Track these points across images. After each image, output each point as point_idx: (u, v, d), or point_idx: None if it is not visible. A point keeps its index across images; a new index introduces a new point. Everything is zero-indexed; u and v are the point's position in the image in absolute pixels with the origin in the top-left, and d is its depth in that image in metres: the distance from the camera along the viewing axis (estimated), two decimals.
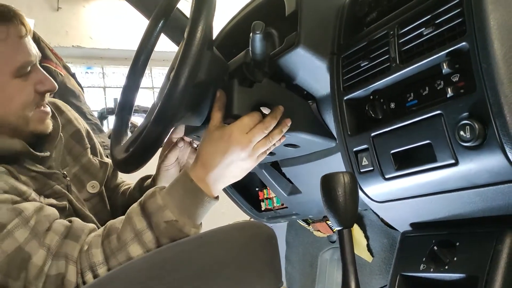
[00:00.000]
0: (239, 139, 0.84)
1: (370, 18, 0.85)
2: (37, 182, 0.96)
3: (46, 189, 0.97)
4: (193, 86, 0.79)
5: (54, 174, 0.99)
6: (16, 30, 0.90)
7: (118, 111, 1.10)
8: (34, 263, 0.81)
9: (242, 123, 0.85)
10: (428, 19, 0.69)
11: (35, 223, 0.84)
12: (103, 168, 1.15)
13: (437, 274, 0.74)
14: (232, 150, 0.84)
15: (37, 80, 0.94)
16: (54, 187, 0.98)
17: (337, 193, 0.67)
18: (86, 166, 1.11)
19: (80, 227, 0.88)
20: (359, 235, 1.40)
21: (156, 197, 0.84)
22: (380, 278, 1.35)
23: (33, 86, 0.94)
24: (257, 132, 0.85)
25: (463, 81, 0.64)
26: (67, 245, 0.84)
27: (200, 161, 0.86)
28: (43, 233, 0.84)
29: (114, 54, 3.36)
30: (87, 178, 1.10)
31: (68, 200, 0.99)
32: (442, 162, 0.67)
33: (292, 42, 0.87)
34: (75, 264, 0.82)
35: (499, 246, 0.67)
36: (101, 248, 0.83)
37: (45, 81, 0.96)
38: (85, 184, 1.09)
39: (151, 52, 1.07)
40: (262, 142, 0.87)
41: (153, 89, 3.65)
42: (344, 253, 0.68)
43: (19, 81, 0.91)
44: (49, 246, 0.83)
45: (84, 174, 1.10)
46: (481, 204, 0.69)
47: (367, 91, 0.81)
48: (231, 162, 0.85)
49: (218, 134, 0.86)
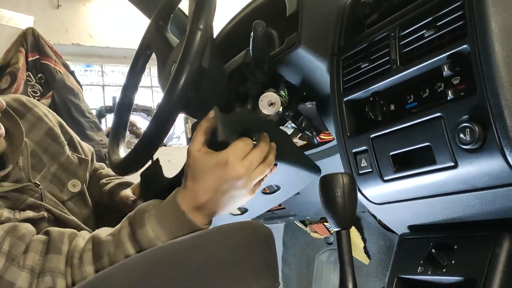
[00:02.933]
0: (237, 166, 0.77)
1: (371, 19, 0.85)
2: (8, 201, 0.92)
3: (19, 204, 0.93)
4: (195, 82, 0.79)
5: (24, 187, 0.94)
6: None
7: (117, 109, 1.10)
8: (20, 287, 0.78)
9: (237, 149, 0.78)
10: (429, 21, 0.69)
11: (10, 247, 0.80)
12: (83, 164, 1.09)
13: (434, 277, 0.74)
14: (228, 178, 0.78)
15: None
16: (27, 201, 0.94)
17: (336, 194, 0.67)
18: (65, 164, 1.05)
19: (59, 239, 0.84)
20: (356, 237, 1.40)
21: (146, 228, 0.80)
22: (377, 280, 1.35)
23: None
24: (255, 158, 0.79)
25: (464, 83, 0.64)
26: (50, 260, 0.81)
27: (192, 190, 0.80)
28: (21, 256, 0.80)
29: (114, 52, 3.35)
30: (67, 177, 1.05)
31: (46, 209, 0.95)
32: (441, 164, 0.67)
33: (293, 42, 0.87)
34: (63, 277, 0.80)
35: (497, 249, 0.67)
36: (93, 267, 0.81)
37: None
38: (66, 183, 1.04)
39: (152, 52, 1.06)
40: (259, 170, 0.80)
41: (152, 88, 3.64)
42: (342, 254, 0.68)
43: None
44: (31, 267, 0.80)
45: (63, 172, 1.05)
46: (480, 207, 0.69)
47: (367, 93, 0.80)
48: (226, 191, 0.79)
49: (211, 160, 0.78)
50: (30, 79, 2.50)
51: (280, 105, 0.92)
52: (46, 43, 2.61)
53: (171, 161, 3.14)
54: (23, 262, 0.80)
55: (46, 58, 2.55)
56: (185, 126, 3.47)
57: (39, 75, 2.54)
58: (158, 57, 1.00)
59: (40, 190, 0.97)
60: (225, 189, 0.79)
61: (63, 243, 0.84)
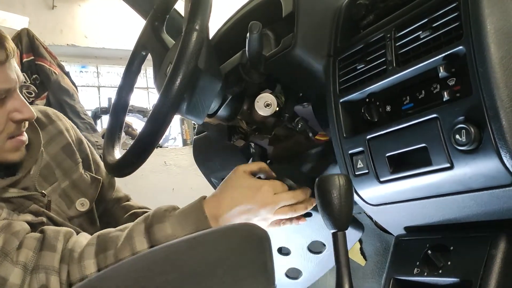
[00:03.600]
0: (267, 195, 0.85)
1: (367, 21, 0.85)
2: (12, 205, 0.92)
3: (23, 209, 0.93)
4: (190, 83, 0.78)
5: (29, 195, 0.94)
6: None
7: (112, 111, 1.10)
8: (12, 283, 0.78)
9: (274, 183, 0.87)
10: (425, 23, 0.69)
11: (3, 243, 0.80)
12: (95, 183, 1.09)
13: (430, 278, 0.74)
14: (254, 202, 0.84)
15: (12, 108, 0.87)
16: (30, 207, 0.94)
17: (332, 195, 0.67)
18: (76, 182, 1.06)
19: (54, 235, 0.84)
20: None
21: (165, 224, 0.82)
22: (373, 282, 1.35)
23: (7, 114, 0.87)
24: (285, 197, 0.86)
25: (460, 85, 0.64)
26: (44, 257, 0.81)
27: (218, 199, 0.86)
28: (14, 252, 0.80)
29: (109, 53, 3.35)
30: (76, 195, 1.05)
31: (48, 216, 0.95)
32: (437, 165, 0.67)
33: (289, 43, 0.87)
34: (57, 274, 0.80)
35: (493, 250, 0.67)
36: (94, 260, 0.81)
37: (23, 109, 0.88)
38: (74, 201, 1.04)
39: (147, 53, 1.06)
40: (284, 209, 0.87)
41: (148, 89, 3.63)
42: (338, 255, 0.68)
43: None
44: (24, 263, 0.80)
45: (73, 190, 1.05)
46: (476, 208, 0.69)
47: (363, 94, 0.80)
48: (245, 212, 0.85)
49: (249, 182, 0.86)
50: (25, 80, 2.48)
51: (276, 106, 0.92)
52: (41, 44, 2.60)
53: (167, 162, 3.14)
54: (16, 258, 0.79)
55: (41, 59, 2.54)
56: (181, 128, 3.47)
57: (34, 76, 2.53)
58: (154, 58, 1.00)
59: (46, 200, 0.98)
60: (246, 210, 0.85)
61: (58, 241, 0.84)
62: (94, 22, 3.24)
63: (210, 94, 0.90)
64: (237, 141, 1.05)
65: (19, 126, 0.91)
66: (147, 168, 2.78)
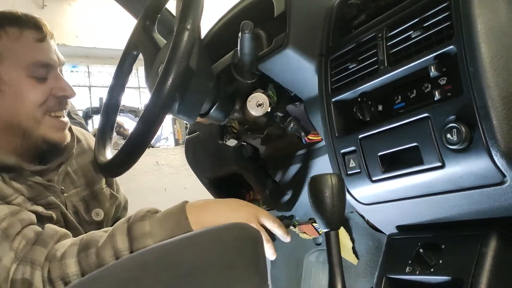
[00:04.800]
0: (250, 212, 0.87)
1: (358, 20, 0.85)
2: (33, 191, 0.96)
3: (41, 198, 0.97)
4: (182, 83, 0.78)
5: (51, 186, 1.00)
6: (31, 33, 0.94)
7: (103, 110, 1.09)
8: (3, 265, 0.80)
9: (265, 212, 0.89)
10: (416, 22, 0.70)
11: (8, 225, 0.83)
12: (112, 199, 1.18)
13: (422, 277, 0.74)
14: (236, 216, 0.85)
15: (55, 85, 0.95)
16: (48, 198, 0.98)
17: (325, 195, 0.67)
18: (96, 193, 1.13)
19: (51, 234, 0.86)
20: (344, 238, 1.40)
21: (145, 222, 0.83)
22: (365, 280, 1.36)
23: (50, 89, 0.95)
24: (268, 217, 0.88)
25: (451, 84, 0.65)
26: (34, 251, 0.82)
27: (204, 205, 0.86)
28: (14, 236, 0.83)
29: (100, 53, 3.33)
30: (93, 205, 1.11)
31: (62, 212, 1.00)
32: (428, 165, 0.67)
33: (281, 43, 0.87)
34: (41, 270, 0.81)
35: (484, 249, 0.67)
36: (76, 259, 0.81)
37: (65, 87, 0.96)
38: (91, 210, 1.11)
39: (139, 52, 1.05)
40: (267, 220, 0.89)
41: (140, 89, 3.62)
42: (330, 255, 0.68)
43: (34, 81, 0.93)
44: (16, 249, 0.82)
45: (92, 199, 1.12)
46: (467, 207, 0.69)
47: (355, 93, 0.81)
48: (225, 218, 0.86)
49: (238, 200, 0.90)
50: None
51: (268, 105, 0.91)
52: None
53: (159, 162, 3.12)
54: (12, 243, 0.82)
55: None
56: (173, 127, 3.46)
57: None
58: (145, 57, 1.00)
59: (63, 198, 1.04)
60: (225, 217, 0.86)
61: (52, 239, 0.85)
62: (85, 21, 3.22)
63: (202, 94, 0.89)
64: (229, 141, 1.04)
65: (61, 103, 0.97)
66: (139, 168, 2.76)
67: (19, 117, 0.92)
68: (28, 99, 0.92)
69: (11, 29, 0.93)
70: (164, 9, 1.08)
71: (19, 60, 0.92)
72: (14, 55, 0.92)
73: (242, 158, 1.19)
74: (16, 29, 0.94)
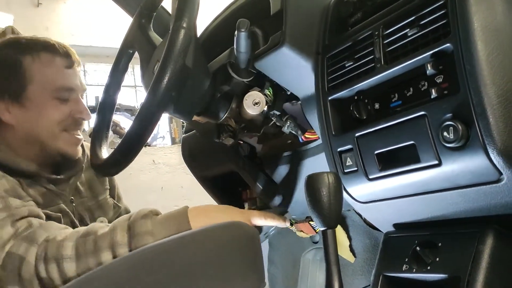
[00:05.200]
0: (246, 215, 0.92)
1: (355, 18, 0.85)
2: (46, 197, 1.04)
3: (53, 205, 1.05)
4: (178, 81, 0.78)
5: (62, 195, 1.09)
6: (61, 60, 1.06)
7: (99, 109, 1.09)
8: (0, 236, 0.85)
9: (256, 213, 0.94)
10: (412, 20, 0.69)
11: (15, 210, 0.89)
12: (116, 209, 1.27)
13: (419, 275, 0.74)
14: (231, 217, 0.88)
15: (75, 108, 1.06)
16: (59, 205, 1.06)
17: (322, 193, 0.67)
18: (101, 203, 1.22)
19: (55, 225, 0.92)
20: (341, 236, 1.40)
21: (147, 221, 0.85)
22: (362, 278, 1.36)
23: (69, 110, 1.06)
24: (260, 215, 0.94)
25: (447, 82, 0.65)
26: (35, 233, 0.86)
27: (205, 211, 0.89)
28: (19, 217, 0.88)
29: (96, 51, 3.32)
30: (98, 214, 1.20)
31: (70, 220, 1.08)
32: (425, 163, 0.67)
33: (277, 41, 0.86)
34: (37, 247, 0.84)
35: (481, 246, 0.67)
36: (74, 243, 0.83)
37: (83, 111, 1.08)
38: (96, 218, 1.19)
39: (135, 51, 1.05)
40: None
41: (136, 87, 3.61)
42: (327, 253, 0.68)
43: (57, 102, 1.04)
44: (18, 228, 0.87)
45: (97, 209, 1.21)
46: (464, 204, 0.70)
47: (351, 92, 0.81)
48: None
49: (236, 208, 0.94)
50: None
51: (265, 104, 0.91)
52: None
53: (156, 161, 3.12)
54: (15, 222, 0.87)
55: None
56: (169, 126, 3.45)
57: None
58: (141, 56, 0.99)
59: (73, 206, 1.13)
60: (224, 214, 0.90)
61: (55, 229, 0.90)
62: (80, 20, 3.20)
63: (198, 92, 0.89)
64: (226, 139, 1.04)
65: (77, 123, 1.08)
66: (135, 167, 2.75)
67: (39, 131, 1.03)
68: (49, 117, 1.03)
69: (44, 55, 1.05)
70: (160, 7, 1.08)
71: (47, 83, 1.03)
72: (43, 78, 1.03)
73: (238, 156, 1.19)
74: (49, 55, 1.05)
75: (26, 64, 1.02)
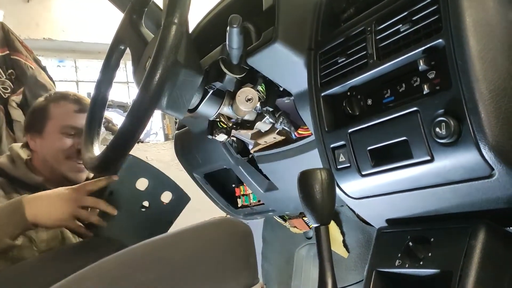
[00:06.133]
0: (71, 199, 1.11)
1: (347, 14, 0.85)
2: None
3: None
4: (170, 78, 0.77)
5: None
6: (73, 106, 1.40)
7: (91, 106, 1.08)
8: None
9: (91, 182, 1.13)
10: (405, 16, 0.69)
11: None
12: None
13: (412, 270, 0.74)
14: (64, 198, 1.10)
15: (78, 141, 1.35)
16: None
17: (314, 189, 0.67)
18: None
19: None
20: (335, 231, 1.41)
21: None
22: (355, 273, 1.36)
23: (73, 143, 1.36)
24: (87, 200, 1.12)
25: (439, 78, 0.65)
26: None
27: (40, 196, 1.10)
28: None
29: (87, 47, 3.28)
30: None
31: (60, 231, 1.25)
32: (418, 158, 0.67)
33: (269, 37, 0.86)
34: None
35: (473, 241, 0.67)
36: None
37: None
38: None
39: (126, 47, 1.04)
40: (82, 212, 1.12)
41: (128, 83, 3.58)
42: (321, 250, 0.68)
43: (63, 136, 1.36)
44: None
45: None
46: (456, 200, 0.70)
47: (344, 87, 0.80)
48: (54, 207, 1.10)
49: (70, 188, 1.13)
50: (1, 75, 2.42)
51: (257, 100, 0.91)
52: (16, 38, 2.53)
53: (149, 157, 3.10)
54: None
55: (17, 54, 2.47)
56: (162, 122, 3.43)
57: (9, 71, 2.46)
58: (133, 52, 0.98)
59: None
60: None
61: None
62: (71, 15, 3.16)
63: (190, 88, 0.89)
64: (219, 136, 1.04)
65: (79, 153, 1.32)
66: None
67: (49, 156, 1.36)
68: (55, 146, 1.35)
69: (62, 102, 1.41)
70: (151, 3, 1.07)
71: (60, 121, 1.37)
72: (58, 117, 1.38)
73: (231, 153, 1.19)
74: (65, 102, 1.41)
75: (50, 108, 1.40)
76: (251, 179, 1.20)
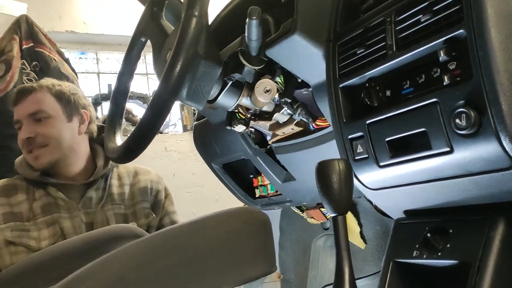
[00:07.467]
0: None
1: (367, 4, 0.85)
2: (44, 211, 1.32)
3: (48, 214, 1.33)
4: (190, 69, 0.78)
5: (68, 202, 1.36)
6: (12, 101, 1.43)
7: (113, 97, 1.10)
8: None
9: None
10: (425, 6, 0.69)
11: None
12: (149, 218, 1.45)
13: (430, 261, 0.74)
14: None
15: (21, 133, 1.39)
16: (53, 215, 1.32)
17: (332, 180, 0.67)
18: (137, 211, 1.44)
19: None
20: (352, 222, 1.41)
21: None
22: (373, 264, 1.37)
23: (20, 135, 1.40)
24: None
25: (460, 69, 0.64)
26: None
27: None
28: None
29: (108, 39, 3.32)
30: (131, 220, 1.41)
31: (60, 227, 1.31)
32: (437, 150, 0.67)
33: (288, 28, 0.86)
34: None
35: (492, 233, 0.67)
36: None
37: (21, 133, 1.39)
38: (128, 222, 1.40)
39: (147, 39, 1.06)
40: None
41: (148, 75, 3.62)
42: (338, 239, 0.69)
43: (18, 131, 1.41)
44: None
45: (131, 215, 1.43)
46: (475, 191, 0.69)
47: (363, 79, 0.80)
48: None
49: None
50: (25, 67, 2.47)
51: (276, 91, 0.91)
52: (40, 31, 2.58)
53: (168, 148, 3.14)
54: None
55: (41, 46, 2.52)
56: (181, 113, 3.46)
57: (34, 63, 2.51)
58: (153, 44, 1.00)
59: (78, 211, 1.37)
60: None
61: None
62: (93, 8, 3.20)
63: (210, 80, 0.90)
64: (237, 127, 1.05)
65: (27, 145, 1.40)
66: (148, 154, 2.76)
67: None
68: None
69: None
70: None
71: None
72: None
73: (249, 143, 1.20)
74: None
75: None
76: (269, 169, 1.20)
